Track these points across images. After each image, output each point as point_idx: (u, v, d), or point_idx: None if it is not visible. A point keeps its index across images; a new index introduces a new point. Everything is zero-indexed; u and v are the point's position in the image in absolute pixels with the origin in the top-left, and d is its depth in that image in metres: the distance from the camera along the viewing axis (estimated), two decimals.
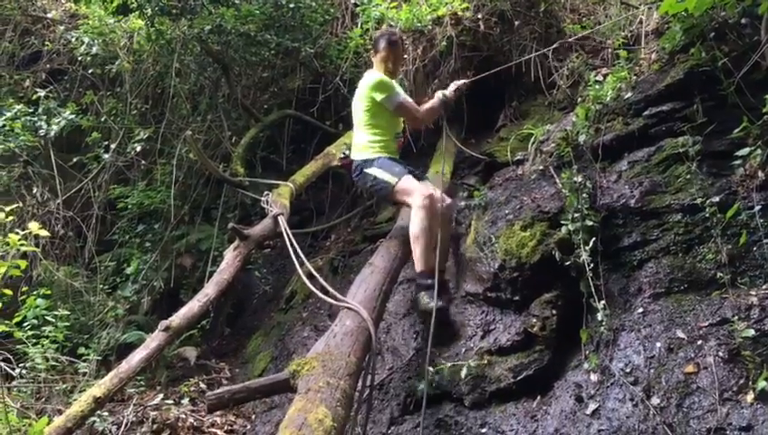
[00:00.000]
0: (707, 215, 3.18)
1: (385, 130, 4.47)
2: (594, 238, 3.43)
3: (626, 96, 4.04)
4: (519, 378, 3.41)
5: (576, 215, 3.55)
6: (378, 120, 4.44)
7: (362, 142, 4.48)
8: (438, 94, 4.61)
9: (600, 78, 4.54)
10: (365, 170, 4.40)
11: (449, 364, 3.60)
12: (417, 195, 4.10)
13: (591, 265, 3.35)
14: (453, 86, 4.80)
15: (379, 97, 4.32)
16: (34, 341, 4.95)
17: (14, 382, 4.70)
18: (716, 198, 3.20)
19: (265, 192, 5.36)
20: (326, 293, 3.65)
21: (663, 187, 3.49)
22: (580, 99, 4.91)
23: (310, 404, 2.39)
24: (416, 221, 4.03)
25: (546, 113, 5.86)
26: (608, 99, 4.16)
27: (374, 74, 4.45)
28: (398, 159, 4.55)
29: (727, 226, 3.14)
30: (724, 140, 3.39)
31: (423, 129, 6.15)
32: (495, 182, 4.68)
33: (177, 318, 4.11)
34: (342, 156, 4.73)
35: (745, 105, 3.32)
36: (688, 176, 3.39)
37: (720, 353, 2.80)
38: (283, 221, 4.74)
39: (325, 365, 2.72)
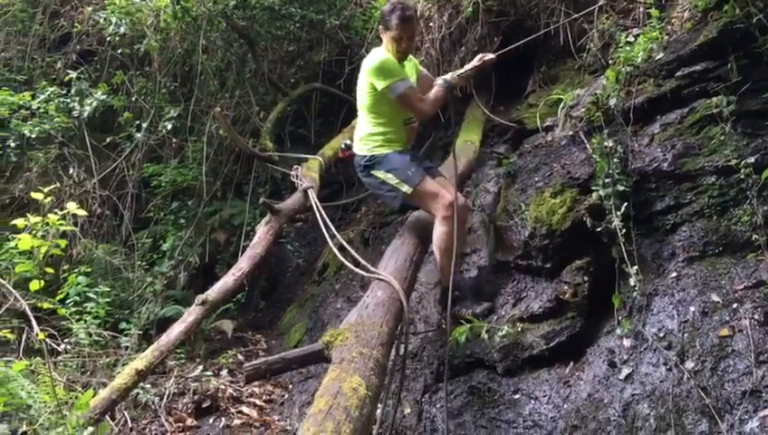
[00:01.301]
0: (742, 176, 3.12)
1: (390, 119, 3.88)
2: (626, 203, 3.40)
3: (657, 57, 3.94)
4: (551, 344, 3.43)
5: (607, 180, 3.51)
6: (381, 108, 3.84)
7: (365, 133, 3.92)
8: (439, 81, 3.99)
9: (631, 39, 4.43)
10: (372, 172, 3.87)
11: (485, 328, 3.61)
12: (440, 204, 3.70)
13: (623, 230, 3.32)
14: (475, 62, 4.15)
15: (379, 85, 3.72)
16: (77, 317, 5.11)
17: (60, 357, 4.87)
18: (752, 159, 3.13)
19: (295, 166, 5.41)
20: (357, 265, 3.69)
21: (696, 149, 3.42)
22: (610, 61, 4.81)
23: (344, 374, 2.44)
24: (440, 234, 3.70)
25: (576, 77, 5.75)
26: (639, 60, 4.06)
27: (377, 55, 3.83)
28: (409, 150, 4.02)
29: (763, 187, 3.07)
30: (760, 99, 3.30)
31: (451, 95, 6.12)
32: (525, 149, 4.63)
33: (212, 292, 4.21)
34: (343, 147, 4.19)
35: None
36: (722, 137, 3.32)
37: (756, 316, 2.77)
38: (312, 194, 4.78)
39: (358, 336, 2.76)
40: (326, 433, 2.05)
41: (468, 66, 4.14)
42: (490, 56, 4.14)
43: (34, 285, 2.89)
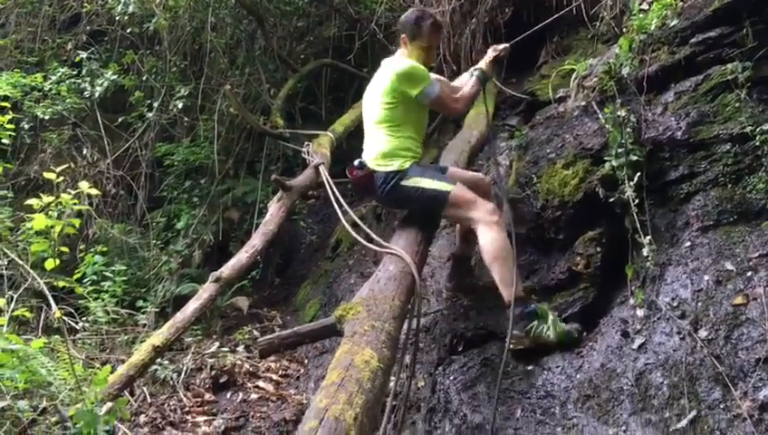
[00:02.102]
0: (757, 143, 3.08)
1: (417, 128, 3.71)
2: (639, 173, 3.36)
3: (671, 24, 3.86)
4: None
5: (620, 150, 3.47)
6: (409, 116, 3.63)
7: (388, 148, 3.61)
8: (474, 72, 3.84)
9: (644, 6, 4.35)
10: (402, 183, 3.56)
11: None
12: (481, 209, 3.44)
13: (636, 200, 3.29)
14: (490, 53, 4.02)
15: (413, 91, 3.52)
16: (95, 296, 5.19)
17: (78, 335, 4.95)
18: (767, 126, 3.08)
19: (306, 143, 5.40)
20: (369, 240, 3.70)
21: (711, 117, 3.37)
22: (624, 29, 4.73)
23: (356, 347, 2.46)
24: (488, 241, 3.37)
25: (589, 47, 5.68)
26: (653, 28, 3.99)
27: (402, 61, 3.63)
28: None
29: None
30: None
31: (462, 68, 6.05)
32: (536, 121, 4.59)
33: (226, 269, 4.25)
34: (357, 165, 3.69)
35: None
36: (737, 104, 3.26)
37: None
38: (324, 170, 4.78)
39: (370, 309, 2.78)
40: (339, 404, 2.07)
41: (499, 48, 4.01)
42: (503, 46, 4.03)
43: (50, 264, 2.93)
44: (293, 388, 5.08)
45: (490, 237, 3.37)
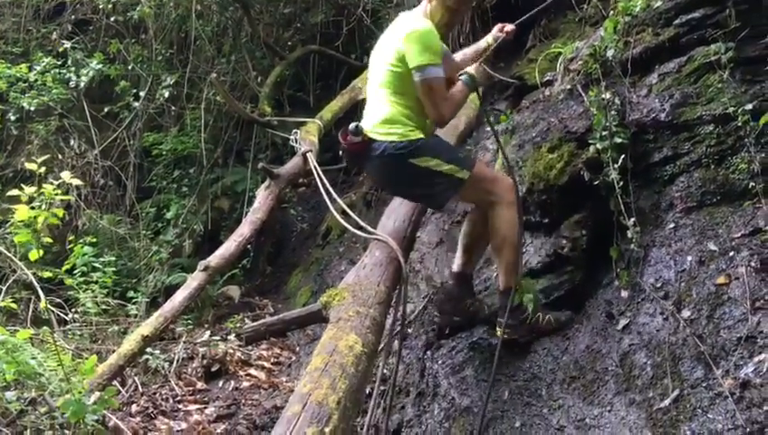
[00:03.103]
0: (740, 124, 3.07)
1: (418, 104, 3.10)
2: (623, 156, 3.35)
3: (656, 5, 3.86)
4: (550, 298, 3.44)
5: (604, 133, 3.47)
6: (408, 88, 3.07)
7: (391, 113, 3.08)
8: (462, 76, 3.21)
9: None
10: (412, 160, 3.03)
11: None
12: (501, 187, 3.15)
13: (621, 182, 3.29)
14: (496, 32, 3.48)
15: (414, 59, 2.96)
16: (85, 287, 5.18)
17: (69, 326, 4.95)
18: (749, 106, 3.07)
19: (294, 130, 5.39)
20: (358, 226, 3.70)
21: (694, 98, 3.37)
22: (611, 12, 4.72)
23: (341, 332, 2.48)
24: (505, 221, 3.10)
25: (577, 30, 5.65)
26: (637, 9, 3.99)
27: (422, 22, 3.03)
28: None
29: (760, 134, 3.02)
30: (759, 44, 3.23)
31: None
32: (523, 105, 4.59)
33: (215, 258, 4.26)
34: (352, 130, 3.08)
35: None
36: (720, 85, 3.25)
37: (752, 263, 2.76)
38: (311, 158, 4.77)
39: (355, 295, 2.79)
40: (322, 389, 2.09)
41: (487, 39, 3.50)
42: (510, 27, 3.51)
43: (33, 255, 2.93)
44: (285, 375, 5.11)
45: (508, 218, 3.11)
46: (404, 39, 2.99)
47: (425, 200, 3.43)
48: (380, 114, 3.11)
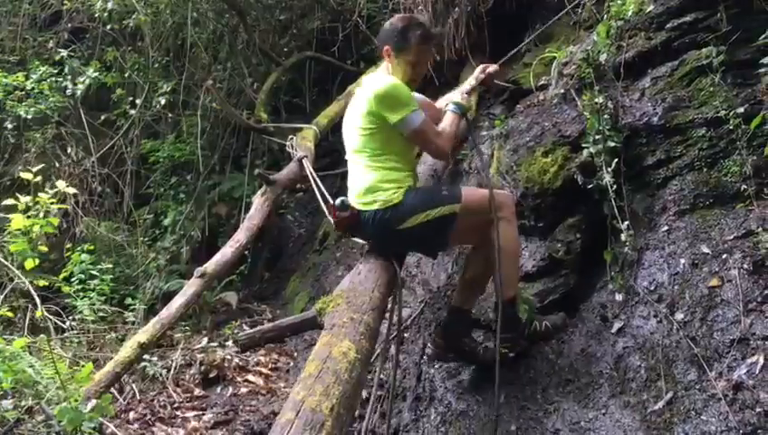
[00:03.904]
0: (732, 127, 3.10)
1: (403, 158, 3.15)
2: (617, 159, 3.38)
3: (648, 9, 3.89)
4: (545, 302, 3.46)
5: (598, 137, 3.49)
6: (392, 146, 3.09)
7: (370, 182, 3.08)
8: (450, 106, 3.25)
9: None
10: (401, 228, 3.03)
11: None
12: (498, 203, 3.07)
13: (614, 186, 3.31)
14: (478, 74, 3.48)
15: (393, 117, 2.98)
16: (82, 294, 5.19)
17: (66, 334, 4.95)
18: (741, 109, 3.10)
19: (290, 136, 5.41)
20: None
21: (686, 101, 3.39)
22: (605, 16, 4.75)
23: (334, 339, 2.49)
24: (504, 236, 3.01)
25: (572, 34, 5.68)
26: (630, 14, 4.01)
27: (386, 79, 3.08)
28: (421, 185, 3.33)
29: (752, 136, 3.05)
30: (750, 48, 3.25)
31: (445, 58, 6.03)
32: (517, 110, 4.60)
33: (211, 264, 4.26)
34: (338, 206, 3.11)
35: None
36: (712, 88, 3.28)
37: (745, 265, 2.78)
38: (307, 164, 4.79)
39: (349, 301, 2.80)
40: (315, 396, 2.10)
41: (470, 81, 3.50)
42: (493, 67, 3.57)
43: (29, 264, 2.94)
44: (283, 381, 5.10)
45: (507, 234, 3.04)
46: (372, 101, 3.01)
47: (423, 251, 3.42)
48: (362, 184, 3.12)
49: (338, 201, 3.12)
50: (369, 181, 3.08)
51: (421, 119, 3.03)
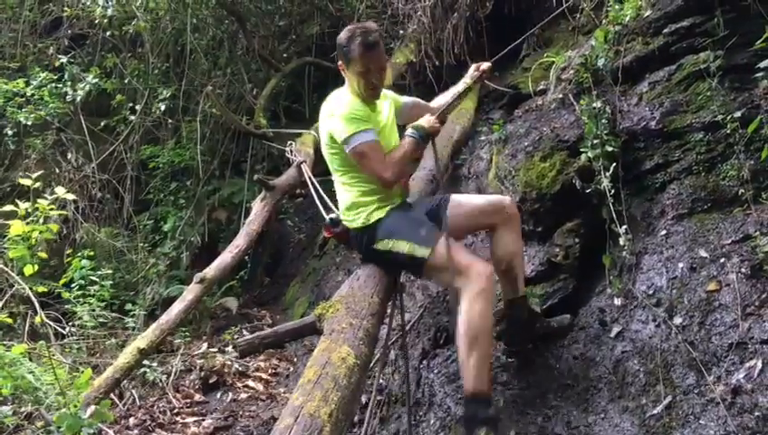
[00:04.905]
0: (729, 131, 3.11)
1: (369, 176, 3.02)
2: (615, 164, 3.39)
3: (645, 14, 3.90)
4: (544, 307, 3.46)
5: (596, 141, 3.50)
6: (353, 164, 3.01)
7: (348, 200, 3.07)
8: (408, 130, 3.07)
9: None
10: (373, 247, 3.01)
11: None
12: (473, 272, 2.77)
13: (613, 191, 3.32)
14: (472, 71, 3.40)
15: (338, 137, 2.93)
16: (82, 300, 5.19)
17: (66, 340, 4.96)
18: (738, 114, 3.11)
19: (289, 142, 5.43)
20: None
21: (684, 106, 3.41)
22: (604, 21, 4.77)
23: (333, 344, 2.49)
24: (473, 315, 2.72)
25: (570, 39, 5.70)
26: (627, 19, 4.03)
27: (337, 98, 3.03)
28: (407, 203, 3.16)
29: (750, 141, 3.06)
30: (747, 52, 3.26)
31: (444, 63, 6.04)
32: (516, 114, 4.62)
33: (210, 270, 4.27)
34: (329, 222, 3.17)
35: None
36: (709, 93, 3.29)
37: (743, 270, 2.79)
38: (306, 169, 4.80)
39: (348, 307, 2.80)
40: (314, 401, 2.10)
41: (465, 80, 3.41)
42: (486, 65, 3.46)
43: (28, 270, 2.94)
44: (283, 386, 5.10)
45: (477, 311, 2.73)
46: (328, 120, 2.99)
47: (406, 271, 3.24)
48: (343, 201, 3.13)
49: (329, 218, 3.18)
50: (348, 199, 3.08)
51: (364, 140, 2.89)
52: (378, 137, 2.96)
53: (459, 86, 3.42)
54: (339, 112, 2.92)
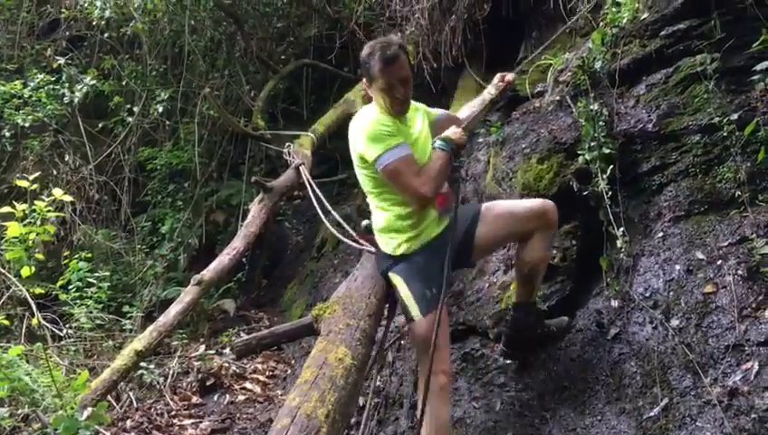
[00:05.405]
0: (726, 133, 3.11)
1: (403, 198, 2.86)
2: (612, 166, 3.39)
3: (642, 17, 3.91)
4: (542, 309, 3.46)
5: (593, 144, 3.50)
6: (386, 185, 2.87)
7: (383, 224, 2.94)
8: (437, 142, 2.92)
9: (618, 0, 4.39)
10: (389, 274, 2.92)
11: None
12: (436, 362, 2.68)
13: (610, 193, 3.32)
14: (489, 92, 3.42)
15: (369, 156, 2.79)
16: (79, 302, 5.18)
17: (63, 342, 4.95)
18: (735, 116, 3.11)
19: (287, 144, 5.44)
20: (352, 239, 3.72)
21: (681, 108, 3.41)
22: (602, 23, 4.77)
23: (330, 345, 2.49)
24: (435, 408, 2.73)
25: (568, 41, 5.71)
26: (624, 21, 4.04)
27: (364, 116, 2.89)
28: (435, 245, 2.88)
29: (746, 143, 3.06)
30: (744, 54, 3.27)
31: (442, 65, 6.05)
32: (513, 117, 4.62)
33: (208, 272, 4.27)
34: (364, 230, 3.15)
35: (766, 17, 3.19)
36: (706, 95, 3.29)
37: (739, 272, 2.79)
38: (304, 171, 4.81)
39: (345, 308, 2.80)
40: (311, 402, 2.10)
41: (489, 90, 3.44)
42: (511, 75, 3.50)
43: (26, 272, 2.94)
44: (280, 388, 5.10)
45: (436, 406, 2.73)
46: (356, 142, 2.88)
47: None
48: (377, 224, 3.00)
49: (363, 226, 3.11)
50: (382, 222, 2.95)
51: (396, 156, 2.76)
52: (410, 150, 2.83)
53: (484, 96, 3.42)
54: (365, 132, 2.81)
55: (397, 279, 2.87)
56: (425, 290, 2.80)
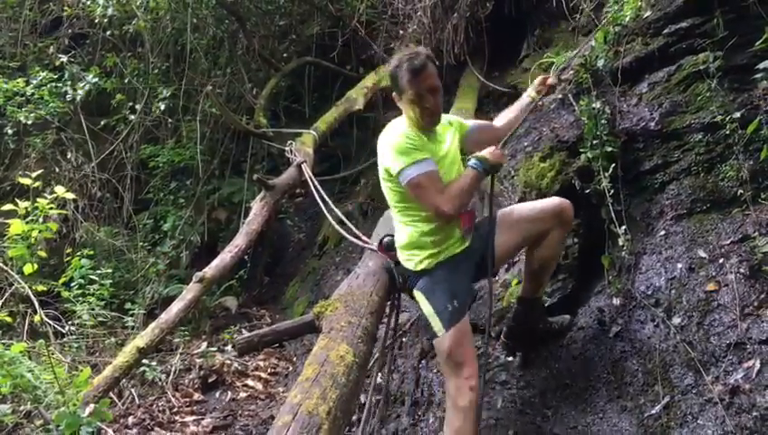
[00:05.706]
0: (728, 132, 3.10)
1: (429, 215, 2.82)
2: (614, 164, 3.39)
3: (645, 15, 3.90)
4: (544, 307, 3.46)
5: (595, 142, 3.50)
6: (411, 200, 2.84)
7: (404, 240, 2.92)
8: (471, 161, 2.87)
9: None
10: (413, 290, 2.91)
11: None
12: (459, 378, 2.71)
13: (612, 191, 3.32)
14: (530, 95, 3.38)
15: (393, 170, 2.77)
16: (82, 299, 5.20)
17: (65, 339, 4.96)
18: (737, 114, 3.10)
19: (289, 141, 5.44)
20: (354, 236, 3.72)
21: (683, 106, 3.40)
22: (604, 21, 4.77)
23: (332, 342, 2.50)
24: (453, 429, 2.71)
25: (570, 39, 5.71)
26: (627, 19, 4.03)
27: (393, 130, 2.85)
28: (457, 259, 2.88)
29: (749, 141, 3.05)
30: (746, 53, 3.26)
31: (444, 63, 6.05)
32: None
33: (210, 269, 4.28)
34: (385, 246, 3.09)
35: None
36: (708, 93, 3.29)
37: (741, 270, 2.78)
38: (306, 169, 4.81)
39: (347, 305, 2.81)
40: (312, 399, 2.10)
41: (530, 94, 3.39)
42: (552, 79, 3.46)
43: (28, 269, 2.95)
44: (282, 386, 5.11)
45: (456, 426, 2.69)
46: (383, 155, 2.85)
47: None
48: (400, 239, 2.96)
49: (385, 241, 3.07)
50: (405, 238, 2.91)
51: (420, 171, 2.72)
52: (436, 166, 2.79)
53: (523, 100, 3.38)
54: (391, 145, 2.78)
55: (419, 296, 2.84)
56: (446, 303, 2.77)
